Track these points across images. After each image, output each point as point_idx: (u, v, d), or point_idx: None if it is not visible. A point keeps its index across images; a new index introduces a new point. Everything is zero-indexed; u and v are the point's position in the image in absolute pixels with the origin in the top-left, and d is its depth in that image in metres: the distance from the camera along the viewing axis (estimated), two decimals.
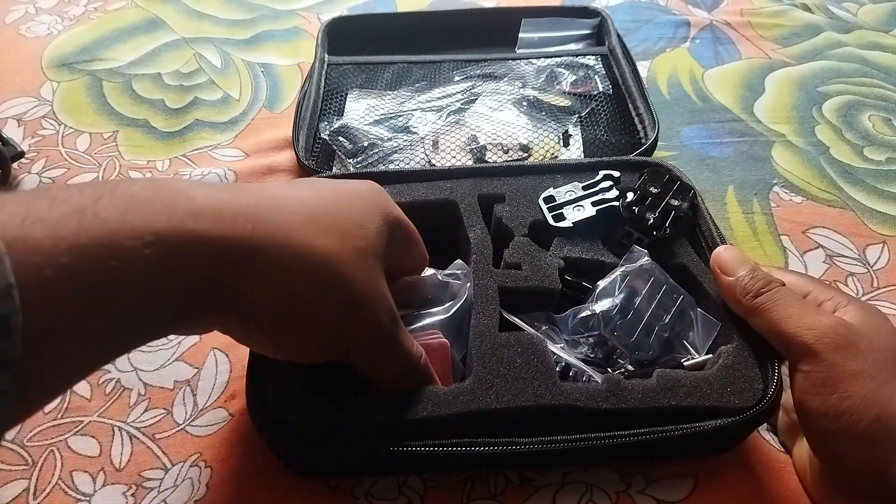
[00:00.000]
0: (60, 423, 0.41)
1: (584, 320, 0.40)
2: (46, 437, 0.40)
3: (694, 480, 0.38)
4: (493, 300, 0.39)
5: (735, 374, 0.36)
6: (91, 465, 0.39)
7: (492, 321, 0.38)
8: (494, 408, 0.34)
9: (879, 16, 0.79)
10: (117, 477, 0.38)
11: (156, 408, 0.42)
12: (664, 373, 0.36)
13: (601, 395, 0.35)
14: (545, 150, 0.56)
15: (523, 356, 0.36)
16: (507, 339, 0.37)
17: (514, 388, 0.35)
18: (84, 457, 0.39)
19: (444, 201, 0.46)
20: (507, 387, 0.35)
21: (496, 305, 0.39)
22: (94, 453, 0.40)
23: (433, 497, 0.38)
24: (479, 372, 0.36)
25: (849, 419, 0.31)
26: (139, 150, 0.60)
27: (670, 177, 0.45)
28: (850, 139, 0.62)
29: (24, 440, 0.40)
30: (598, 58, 0.65)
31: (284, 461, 0.38)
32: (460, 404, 0.34)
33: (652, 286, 0.40)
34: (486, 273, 0.41)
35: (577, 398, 0.35)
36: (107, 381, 0.43)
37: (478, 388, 0.35)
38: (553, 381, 0.35)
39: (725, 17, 0.78)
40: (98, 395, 0.42)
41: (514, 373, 0.36)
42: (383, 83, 0.63)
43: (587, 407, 0.35)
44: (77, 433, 0.40)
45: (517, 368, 0.36)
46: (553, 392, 0.35)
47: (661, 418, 0.35)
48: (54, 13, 0.78)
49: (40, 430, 0.41)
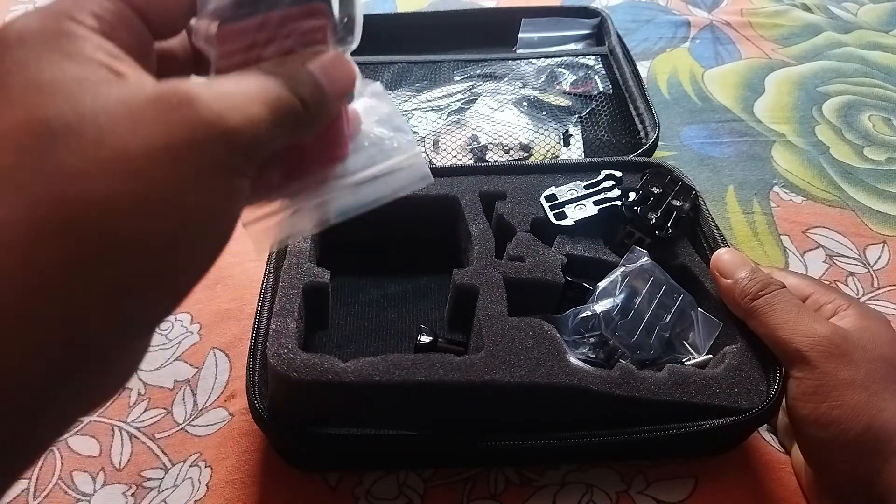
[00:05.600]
0: None
1: (585, 321, 0.40)
2: None
3: (694, 481, 0.38)
4: (498, 286, 0.39)
5: (741, 375, 0.36)
6: (91, 464, 0.39)
7: (500, 307, 0.38)
8: (507, 381, 0.34)
9: (879, 16, 0.79)
10: (117, 477, 0.38)
11: (156, 407, 0.42)
12: (675, 367, 0.36)
13: (614, 382, 0.35)
14: (546, 149, 0.56)
15: (535, 338, 0.36)
16: (517, 323, 0.37)
17: (527, 364, 0.35)
18: (84, 456, 0.39)
19: (445, 197, 0.46)
20: (519, 363, 0.35)
21: (503, 292, 0.39)
22: (94, 453, 0.40)
23: (433, 496, 0.38)
24: (491, 349, 0.35)
25: (839, 428, 0.31)
26: None
27: (672, 177, 0.45)
28: (850, 139, 0.62)
29: None
30: (598, 58, 0.65)
31: (286, 457, 0.38)
32: (472, 373, 0.34)
33: (652, 286, 0.40)
34: (489, 263, 0.41)
35: (590, 381, 0.35)
36: None
37: (490, 361, 0.35)
38: (566, 363, 0.35)
39: (725, 17, 0.78)
40: None
41: (527, 352, 0.36)
42: (383, 83, 0.62)
43: (600, 390, 0.34)
44: (77, 433, 0.40)
45: (529, 348, 0.36)
46: (566, 372, 0.35)
47: (669, 412, 0.35)
48: None
49: None
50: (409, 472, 0.38)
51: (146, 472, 0.39)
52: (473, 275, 0.40)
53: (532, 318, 0.38)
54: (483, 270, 0.40)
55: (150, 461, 0.39)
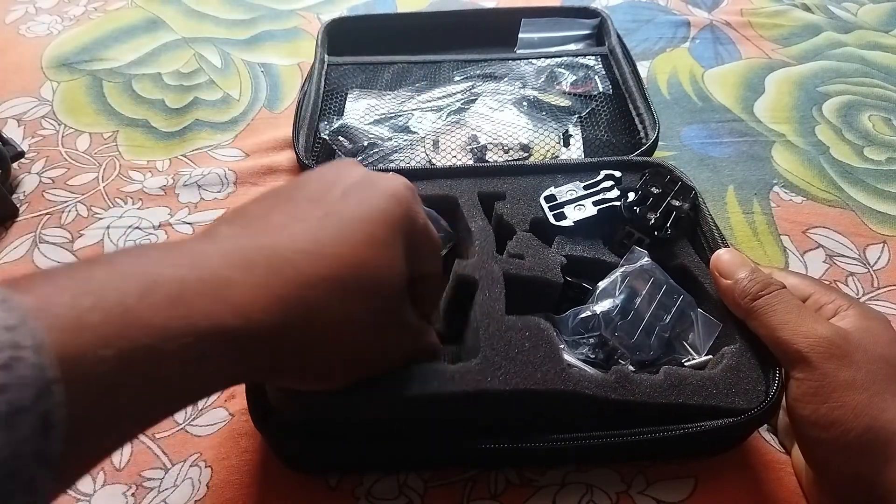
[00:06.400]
0: None
1: (585, 321, 0.40)
2: None
3: (694, 481, 0.38)
4: (498, 281, 0.39)
5: (739, 375, 0.36)
6: None
7: (498, 303, 0.38)
8: (503, 389, 0.34)
9: (879, 16, 0.79)
10: (117, 477, 0.38)
11: None
12: (671, 370, 0.36)
13: (609, 385, 0.35)
14: (546, 149, 0.56)
15: (531, 340, 0.36)
16: (514, 322, 0.37)
17: (522, 370, 0.35)
18: None
19: (444, 197, 0.46)
20: (515, 369, 0.34)
21: (501, 288, 0.39)
22: None
23: (433, 497, 0.38)
24: (487, 353, 0.35)
25: (839, 429, 0.31)
26: (139, 150, 0.60)
27: (672, 177, 0.45)
28: (850, 139, 0.62)
29: None
30: (598, 58, 0.65)
31: (285, 459, 0.38)
32: (467, 383, 0.34)
33: (652, 286, 0.40)
34: (490, 258, 0.41)
35: (585, 385, 0.35)
36: None
37: (486, 369, 0.34)
38: (562, 367, 0.35)
39: (725, 17, 0.78)
40: None
41: (523, 356, 0.35)
42: (383, 83, 0.63)
43: (596, 395, 0.34)
44: None
45: (525, 352, 0.35)
46: (562, 377, 0.35)
47: (666, 414, 0.35)
48: (54, 13, 0.78)
49: None
50: (409, 473, 0.39)
51: (146, 472, 0.39)
52: (474, 267, 0.40)
53: (529, 317, 0.37)
54: (484, 264, 0.40)
55: (150, 461, 0.39)
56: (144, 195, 0.56)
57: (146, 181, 0.57)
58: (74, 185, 0.57)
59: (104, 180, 0.57)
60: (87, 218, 0.54)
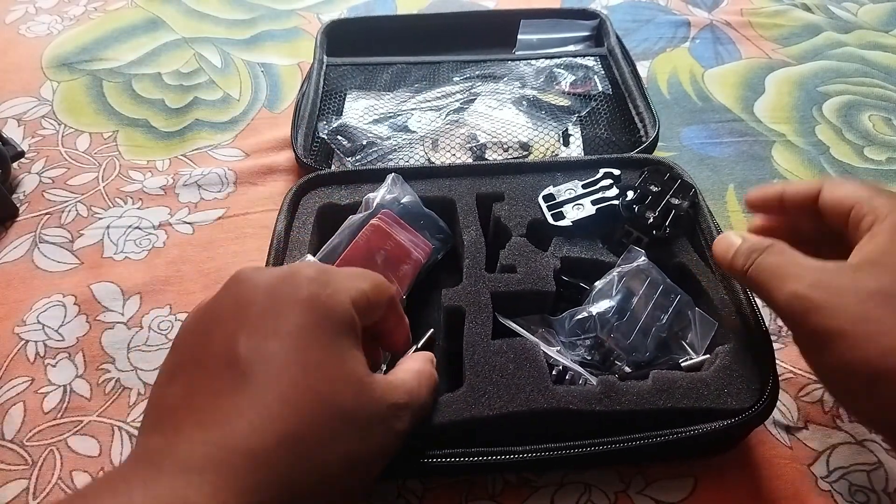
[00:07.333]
0: (60, 423, 0.41)
1: (581, 322, 0.39)
2: (46, 436, 0.40)
3: (693, 481, 0.38)
4: (485, 308, 0.39)
5: (732, 375, 0.36)
6: (91, 464, 0.39)
7: (485, 330, 0.38)
8: (487, 415, 0.34)
9: (879, 16, 0.79)
10: None
11: None
12: (660, 374, 0.36)
13: (595, 398, 0.35)
14: (545, 148, 0.56)
15: (515, 362, 0.36)
16: (499, 347, 0.37)
17: (506, 394, 0.35)
18: (84, 457, 0.39)
19: (442, 199, 0.46)
20: (499, 393, 0.35)
21: (489, 314, 0.39)
22: (94, 453, 0.40)
23: (433, 499, 0.38)
24: (471, 380, 0.36)
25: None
26: (139, 149, 0.60)
27: (671, 175, 0.45)
28: (850, 139, 0.62)
29: (24, 440, 0.40)
30: (597, 59, 0.65)
31: None
32: (453, 413, 0.34)
33: (649, 286, 0.40)
34: (478, 279, 0.41)
35: (570, 401, 0.35)
36: (106, 380, 0.43)
37: (470, 396, 0.35)
38: (545, 385, 0.35)
39: (725, 17, 0.78)
40: (98, 395, 0.42)
41: (507, 379, 0.36)
42: (382, 84, 0.63)
43: (580, 409, 0.35)
44: (77, 433, 0.40)
45: (509, 375, 0.36)
46: (546, 396, 0.35)
47: (656, 420, 0.34)
48: (54, 13, 0.78)
49: (40, 429, 0.41)
50: (405, 478, 0.38)
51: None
52: (460, 295, 0.40)
53: (515, 339, 0.38)
54: (471, 289, 0.40)
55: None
56: (144, 195, 0.56)
57: (146, 181, 0.57)
58: (74, 185, 0.57)
59: (104, 180, 0.57)
60: (87, 218, 0.54)
